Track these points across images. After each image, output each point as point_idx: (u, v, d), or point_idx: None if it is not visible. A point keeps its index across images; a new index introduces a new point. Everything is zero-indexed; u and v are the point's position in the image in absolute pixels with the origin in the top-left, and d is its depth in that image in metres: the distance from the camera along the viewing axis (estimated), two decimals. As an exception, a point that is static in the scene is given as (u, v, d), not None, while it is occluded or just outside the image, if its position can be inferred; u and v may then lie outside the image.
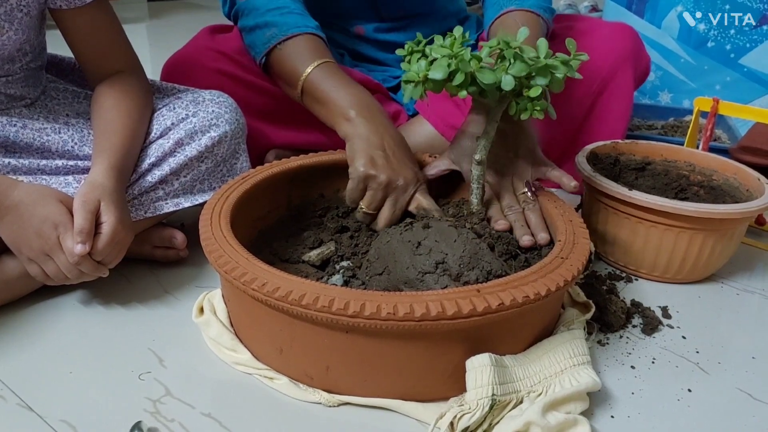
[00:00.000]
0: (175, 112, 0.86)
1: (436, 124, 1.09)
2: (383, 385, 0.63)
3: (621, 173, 1.00)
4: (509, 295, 0.59)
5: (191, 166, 0.84)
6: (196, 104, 0.86)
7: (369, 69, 1.18)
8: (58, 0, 0.80)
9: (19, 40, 0.78)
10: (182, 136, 0.83)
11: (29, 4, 0.77)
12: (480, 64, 0.65)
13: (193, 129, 0.84)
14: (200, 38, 1.06)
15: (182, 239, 0.87)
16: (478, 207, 0.77)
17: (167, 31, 2.89)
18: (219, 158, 0.86)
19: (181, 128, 0.84)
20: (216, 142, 0.85)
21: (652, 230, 0.84)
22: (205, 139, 0.84)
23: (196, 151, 0.84)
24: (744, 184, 0.92)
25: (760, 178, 0.90)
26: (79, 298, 0.81)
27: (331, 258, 0.79)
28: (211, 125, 0.85)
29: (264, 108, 1.05)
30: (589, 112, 1.08)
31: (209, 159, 0.85)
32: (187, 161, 0.84)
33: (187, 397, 0.65)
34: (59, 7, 0.80)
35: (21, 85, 0.82)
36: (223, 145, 0.86)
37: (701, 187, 0.96)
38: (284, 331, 0.63)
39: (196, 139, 0.84)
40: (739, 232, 0.88)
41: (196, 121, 0.84)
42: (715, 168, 0.97)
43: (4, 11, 0.75)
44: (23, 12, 0.77)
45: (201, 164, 0.85)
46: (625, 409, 0.65)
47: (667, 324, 0.80)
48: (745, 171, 0.93)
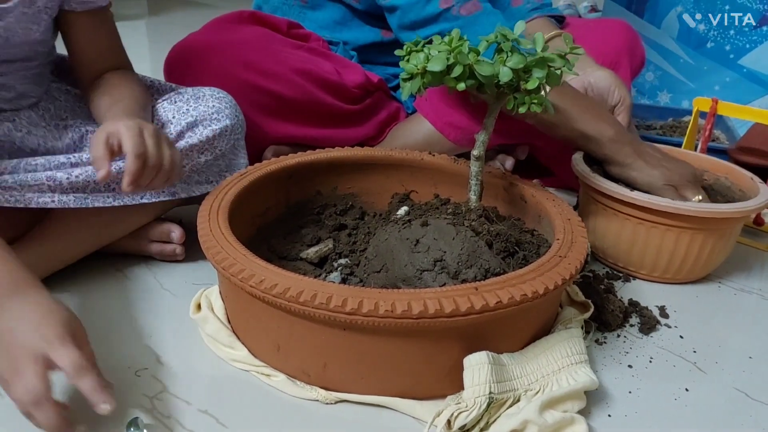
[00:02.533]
0: (176, 105, 0.86)
1: (434, 121, 1.09)
2: (380, 383, 0.63)
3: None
4: (507, 293, 0.59)
5: (191, 156, 0.84)
6: (196, 99, 0.86)
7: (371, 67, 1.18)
8: (73, 2, 0.81)
9: (43, 42, 0.80)
10: (183, 128, 0.84)
11: (53, 7, 0.79)
12: (478, 57, 0.66)
13: (194, 121, 0.84)
14: (208, 28, 1.06)
15: (180, 234, 0.87)
16: (476, 204, 0.77)
17: (166, 29, 2.88)
18: (218, 152, 0.86)
19: (182, 120, 0.84)
20: (217, 134, 0.85)
21: (652, 231, 0.84)
22: (206, 131, 0.84)
23: (198, 141, 0.84)
24: (736, 184, 0.92)
25: (752, 177, 0.90)
26: (75, 295, 0.81)
27: (329, 255, 0.79)
28: (212, 118, 0.85)
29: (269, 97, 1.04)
30: None
31: (209, 151, 0.85)
32: (188, 149, 0.84)
33: (183, 393, 0.65)
34: (74, 9, 0.82)
35: (31, 82, 0.83)
36: (224, 139, 0.86)
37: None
38: (282, 328, 0.63)
39: (197, 132, 0.84)
40: (736, 232, 0.88)
41: (197, 114, 0.84)
42: (707, 168, 0.97)
43: (32, 12, 0.76)
44: (47, 14, 0.79)
45: (200, 156, 0.85)
46: (623, 408, 0.65)
47: (664, 323, 0.80)
48: (737, 171, 0.93)
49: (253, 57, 1.01)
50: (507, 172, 0.91)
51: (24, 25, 0.76)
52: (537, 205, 0.81)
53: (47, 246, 0.80)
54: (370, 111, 1.15)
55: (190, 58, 1.00)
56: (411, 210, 0.85)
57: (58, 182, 0.75)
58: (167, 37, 2.66)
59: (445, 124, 1.08)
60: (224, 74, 0.98)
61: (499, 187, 0.87)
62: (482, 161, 0.76)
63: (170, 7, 3.41)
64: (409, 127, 1.11)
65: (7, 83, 0.80)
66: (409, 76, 0.69)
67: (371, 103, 1.14)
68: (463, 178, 0.80)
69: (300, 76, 1.03)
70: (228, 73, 0.98)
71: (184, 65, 0.99)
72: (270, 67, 1.01)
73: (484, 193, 0.78)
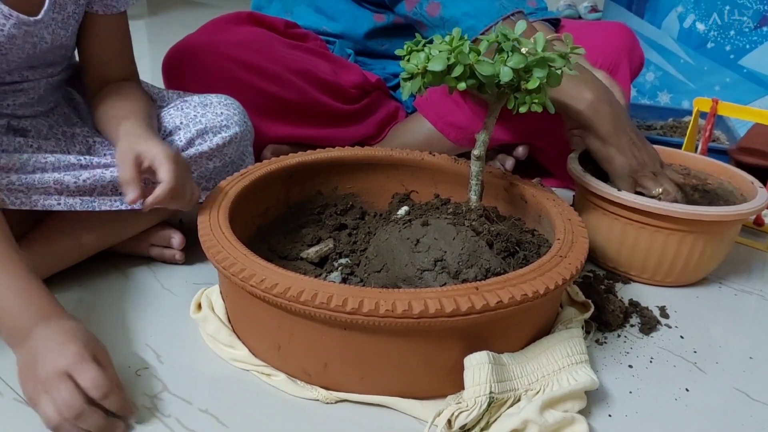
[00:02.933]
0: (183, 112, 0.86)
1: (434, 121, 1.09)
2: (381, 383, 0.63)
3: None
4: (508, 293, 0.59)
5: (200, 164, 0.84)
6: (204, 106, 0.86)
7: (369, 65, 1.18)
8: (96, 5, 0.81)
9: (67, 46, 0.81)
10: (193, 136, 0.84)
11: (80, 12, 0.80)
12: (478, 56, 0.66)
13: (203, 129, 0.84)
14: (206, 28, 1.06)
15: (180, 240, 0.86)
16: (476, 203, 0.77)
17: (166, 28, 2.88)
18: (228, 159, 0.86)
19: (192, 128, 0.84)
20: (227, 142, 0.85)
21: (642, 232, 0.84)
22: (216, 139, 0.84)
23: (207, 148, 0.84)
24: (738, 188, 0.91)
25: (753, 181, 0.89)
26: (76, 294, 0.81)
27: (329, 255, 0.79)
28: (222, 126, 0.85)
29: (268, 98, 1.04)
30: None
31: (218, 158, 0.85)
32: (197, 156, 0.83)
33: (184, 393, 0.65)
34: (95, 11, 0.82)
35: (51, 87, 0.84)
36: (233, 146, 0.86)
37: (696, 190, 0.96)
38: (282, 328, 0.63)
39: (207, 139, 0.84)
40: (730, 235, 0.87)
41: (206, 122, 0.84)
42: (710, 172, 0.96)
43: (61, 19, 0.77)
44: (75, 20, 0.80)
45: (209, 162, 0.85)
46: (623, 408, 0.65)
47: (665, 324, 0.80)
48: (739, 175, 0.92)
49: (251, 58, 1.01)
50: (507, 172, 0.91)
51: (53, 30, 0.77)
52: (537, 204, 0.81)
53: (49, 247, 0.80)
54: (368, 110, 1.15)
55: (188, 59, 1.00)
56: (411, 210, 0.85)
57: (65, 185, 0.75)
58: (167, 36, 2.66)
59: (446, 124, 1.08)
60: (222, 75, 0.98)
61: (499, 187, 0.87)
62: (483, 161, 0.76)
63: (170, 6, 3.40)
64: (409, 126, 1.12)
65: (30, 88, 0.80)
66: (409, 75, 0.69)
67: (369, 103, 1.14)
68: (463, 178, 0.80)
69: (297, 76, 1.03)
70: (225, 74, 0.98)
71: (181, 66, 1.00)
72: (267, 68, 1.01)
73: (485, 193, 0.78)
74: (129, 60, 0.90)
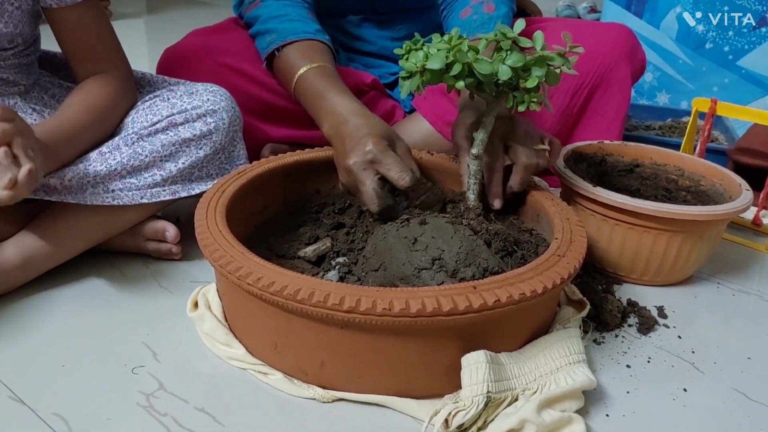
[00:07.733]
0: (169, 102, 0.86)
1: (433, 121, 1.09)
2: (378, 382, 0.63)
3: (607, 174, 0.99)
4: (505, 292, 0.58)
5: (188, 153, 0.84)
6: (190, 95, 0.86)
7: (364, 64, 1.18)
8: None
9: (11, 33, 0.79)
10: (177, 121, 0.84)
11: (27, 3, 0.79)
12: (477, 55, 0.66)
13: (188, 115, 0.84)
14: (200, 33, 1.07)
15: (175, 233, 0.86)
16: (474, 203, 0.77)
17: (165, 27, 2.88)
18: (218, 145, 0.86)
19: (176, 115, 0.84)
20: (213, 128, 0.85)
21: (630, 232, 0.83)
22: (199, 124, 0.84)
23: (190, 134, 0.84)
24: (728, 190, 0.91)
25: (741, 183, 0.89)
26: (72, 291, 0.80)
27: (327, 254, 0.78)
28: (206, 112, 0.85)
29: (261, 104, 1.05)
30: (584, 107, 1.08)
31: (207, 145, 0.85)
32: (180, 141, 0.83)
33: (180, 391, 0.64)
34: (49, 5, 0.81)
35: (14, 71, 0.83)
36: (221, 132, 0.86)
37: (689, 192, 0.96)
38: (279, 327, 0.63)
39: (189, 124, 0.84)
40: (713, 235, 0.86)
41: (191, 108, 0.84)
42: (704, 173, 0.96)
43: None
44: (14, 6, 0.79)
45: (199, 150, 0.84)
46: (621, 408, 0.65)
47: (663, 323, 0.80)
48: (729, 177, 0.92)
49: (244, 65, 1.03)
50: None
51: None
52: (536, 204, 0.81)
53: (42, 242, 0.79)
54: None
55: (182, 63, 1.01)
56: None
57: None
58: (165, 35, 2.66)
59: (444, 123, 1.07)
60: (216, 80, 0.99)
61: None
62: (481, 160, 0.76)
63: (169, 5, 3.40)
64: (407, 126, 1.11)
65: None
66: (408, 74, 0.69)
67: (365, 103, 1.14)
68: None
69: None
70: (220, 79, 0.99)
71: (175, 70, 1.00)
72: (261, 78, 1.03)
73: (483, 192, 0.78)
74: (107, 50, 0.87)
